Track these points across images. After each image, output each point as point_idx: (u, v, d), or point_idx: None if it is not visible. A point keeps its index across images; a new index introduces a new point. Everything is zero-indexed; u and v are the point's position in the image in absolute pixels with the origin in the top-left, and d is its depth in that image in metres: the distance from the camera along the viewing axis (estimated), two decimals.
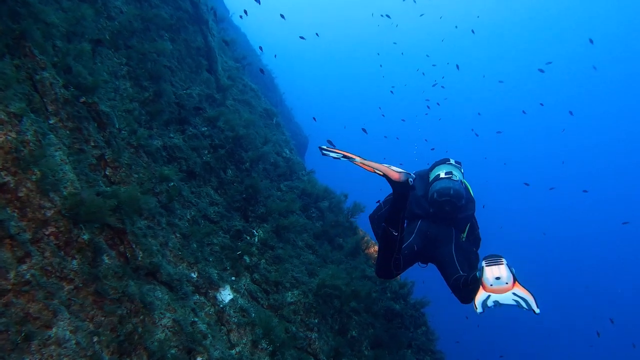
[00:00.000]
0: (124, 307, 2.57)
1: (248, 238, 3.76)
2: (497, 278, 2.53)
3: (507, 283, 2.52)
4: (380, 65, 26.87)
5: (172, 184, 3.39)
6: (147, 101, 3.92)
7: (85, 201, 2.17)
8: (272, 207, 4.10)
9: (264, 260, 3.63)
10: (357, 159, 2.91)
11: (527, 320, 26.45)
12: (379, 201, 4.16)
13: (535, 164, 42.67)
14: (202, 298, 3.17)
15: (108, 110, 3.36)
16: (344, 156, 2.97)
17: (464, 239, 3.60)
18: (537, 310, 2.44)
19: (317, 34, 19.39)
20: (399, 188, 2.79)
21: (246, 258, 3.57)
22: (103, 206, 2.30)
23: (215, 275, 3.28)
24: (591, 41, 18.09)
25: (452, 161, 3.81)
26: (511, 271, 2.58)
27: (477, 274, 2.71)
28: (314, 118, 12.72)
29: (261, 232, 3.86)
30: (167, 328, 2.74)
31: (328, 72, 51.63)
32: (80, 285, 2.46)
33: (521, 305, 2.49)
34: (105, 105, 3.39)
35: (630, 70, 39.15)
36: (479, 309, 2.56)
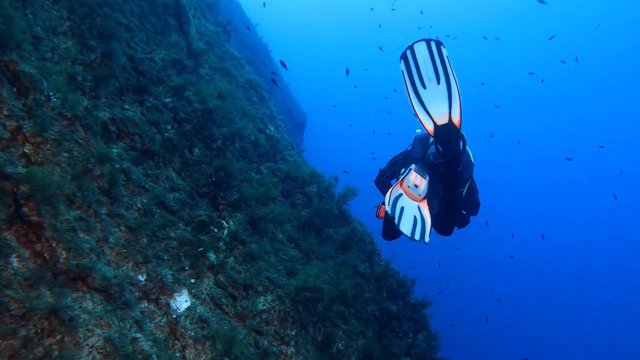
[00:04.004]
0: (31, 326, 1.98)
1: (215, 231, 3.14)
2: (416, 186, 2.78)
3: (419, 195, 2.76)
4: (380, 25, 25.49)
5: (116, 165, 2.75)
6: (93, 64, 3.23)
7: None
8: (247, 193, 3.46)
9: (232, 258, 3.02)
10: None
11: (531, 323, 25.85)
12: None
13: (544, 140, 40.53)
14: (151, 306, 2.58)
15: (33, 71, 2.67)
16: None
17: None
18: (427, 240, 2.58)
19: None
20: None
21: (211, 255, 2.96)
22: None
23: (170, 277, 2.68)
24: None
25: None
26: (427, 189, 2.81)
27: (405, 170, 2.95)
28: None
29: (232, 223, 3.24)
30: (96, 349, 2.16)
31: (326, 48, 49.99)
32: None
33: (414, 234, 2.56)
34: (30, 66, 2.70)
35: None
36: (390, 204, 2.65)
